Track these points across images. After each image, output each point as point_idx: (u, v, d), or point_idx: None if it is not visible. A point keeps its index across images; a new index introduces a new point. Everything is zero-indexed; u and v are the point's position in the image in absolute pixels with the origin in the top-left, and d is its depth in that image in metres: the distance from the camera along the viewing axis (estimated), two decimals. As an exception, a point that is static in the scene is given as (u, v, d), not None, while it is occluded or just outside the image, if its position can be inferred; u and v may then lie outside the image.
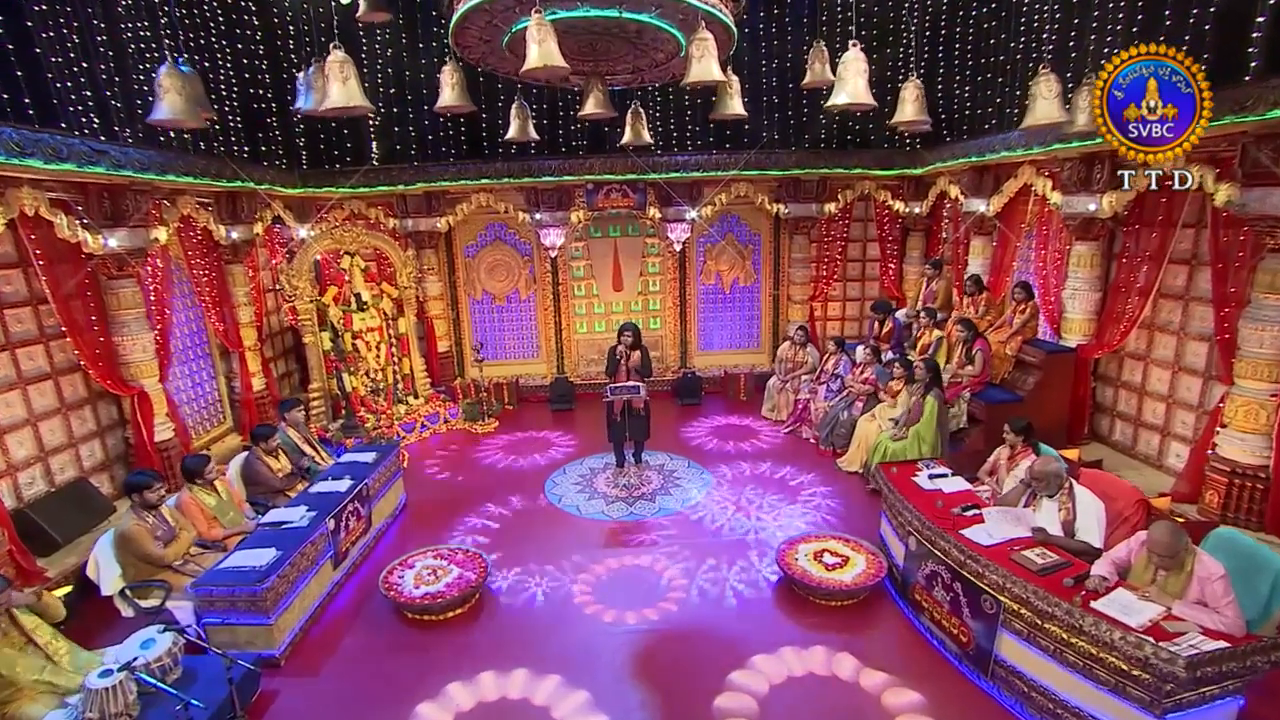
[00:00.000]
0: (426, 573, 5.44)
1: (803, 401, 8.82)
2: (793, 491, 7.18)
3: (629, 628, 5.03)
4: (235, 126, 8.95)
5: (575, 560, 5.97)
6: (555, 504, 7.09)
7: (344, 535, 5.68)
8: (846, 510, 6.76)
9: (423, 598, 5.14)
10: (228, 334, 8.18)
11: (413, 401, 9.56)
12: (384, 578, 5.40)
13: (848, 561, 5.41)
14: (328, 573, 5.43)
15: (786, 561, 5.43)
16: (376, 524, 6.44)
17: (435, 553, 5.75)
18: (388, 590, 5.24)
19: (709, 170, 9.79)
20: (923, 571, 4.79)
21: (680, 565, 5.83)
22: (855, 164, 9.97)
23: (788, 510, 6.79)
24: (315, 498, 5.79)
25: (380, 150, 10.09)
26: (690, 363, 10.90)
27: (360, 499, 6.03)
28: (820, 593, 5.16)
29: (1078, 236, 6.99)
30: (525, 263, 10.61)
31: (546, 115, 10.11)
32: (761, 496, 7.10)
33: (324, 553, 5.36)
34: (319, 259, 8.93)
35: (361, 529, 6.05)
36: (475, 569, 5.47)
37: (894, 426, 7.12)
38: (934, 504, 4.96)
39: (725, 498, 7.09)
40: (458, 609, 5.22)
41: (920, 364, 6.83)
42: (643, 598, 5.39)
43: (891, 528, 5.44)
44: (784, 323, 10.81)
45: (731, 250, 10.69)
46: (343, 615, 5.32)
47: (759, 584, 5.54)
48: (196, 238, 7.74)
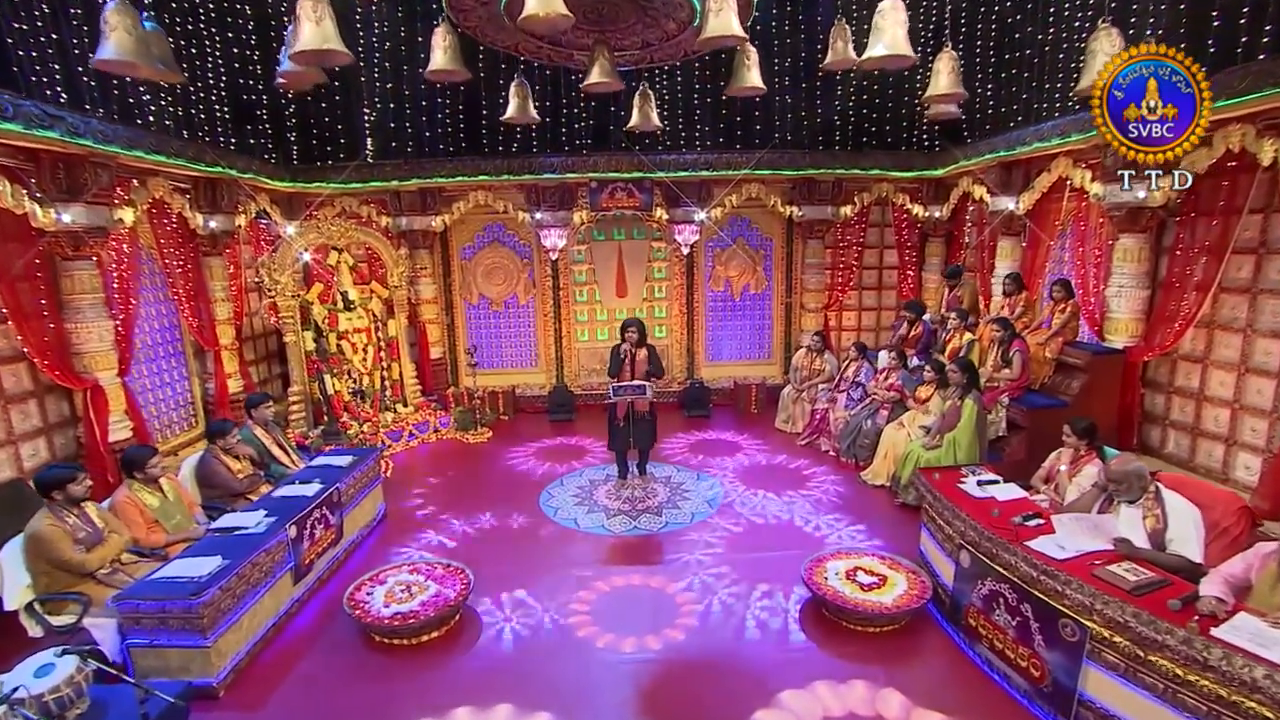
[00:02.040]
0: (400, 589, 4.68)
1: (820, 411, 8.09)
2: (813, 506, 6.42)
3: (632, 656, 4.25)
4: (222, 116, 8.39)
5: (571, 578, 5.20)
6: (550, 517, 6.33)
7: (308, 545, 4.93)
8: (874, 526, 5.99)
9: (393, 618, 4.37)
10: (202, 331, 7.49)
11: (401, 409, 8.83)
12: (350, 594, 4.63)
13: (886, 581, 4.64)
14: (286, 587, 4.66)
15: (815, 581, 4.66)
16: (350, 534, 5.68)
17: (412, 567, 4.98)
18: (353, 609, 4.47)
19: (719, 169, 9.18)
20: (979, 592, 4.02)
21: (691, 585, 5.06)
22: (872, 165, 9.36)
23: (810, 525, 6.03)
24: (277, 502, 5.04)
25: (375, 146, 9.52)
26: (698, 374, 10.19)
27: (330, 505, 5.29)
28: (856, 617, 4.39)
29: (1122, 229, 6.33)
30: (524, 266, 9.95)
31: (549, 112, 9.54)
32: (780, 511, 6.33)
33: (282, 564, 4.60)
34: (310, 261, 8.28)
35: (331, 539, 5.30)
36: (456, 586, 4.70)
37: (925, 435, 6.40)
38: (989, 513, 4.21)
39: (739, 512, 6.32)
40: (433, 632, 4.45)
41: (955, 365, 6.11)
42: (649, 621, 4.61)
43: (935, 542, 4.68)
44: (797, 332, 10.12)
45: (742, 255, 10.04)
46: (302, 637, 4.54)
47: (783, 606, 4.76)
48: (171, 225, 7.09)
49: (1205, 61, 5.70)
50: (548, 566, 5.39)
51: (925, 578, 4.65)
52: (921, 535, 5.02)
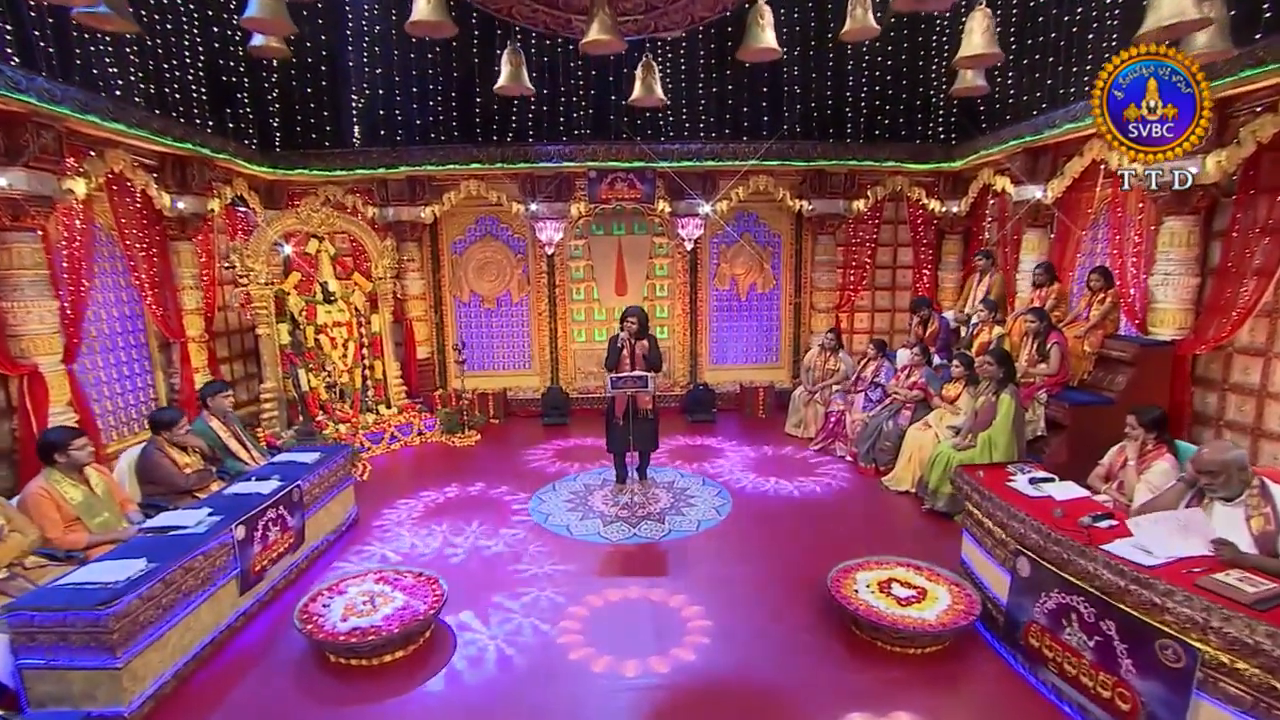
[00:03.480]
0: (362, 601, 4.00)
1: (835, 414, 7.44)
2: (832, 513, 5.77)
3: (632, 681, 3.59)
4: (198, 96, 7.84)
5: (561, 591, 4.53)
6: (540, 524, 5.67)
7: (260, 549, 4.26)
8: (901, 535, 5.34)
9: (350, 634, 3.69)
10: (167, 320, 6.86)
11: (384, 411, 8.18)
12: (303, 606, 3.96)
13: (925, 595, 3.98)
14: (230, 597, 3.99)
15: (843, 594, 4.00)
16: (313, 540, 5.02)
17: (378, 575, 4.31)
18: (304, 623, 3.80)
19: (725, 159, 8.62)
20: (1043, 606, 3.37)
21: (699, 598, 4.39)
22: (886, 156, 8.81)
23: (830, 533, 5.37)
24: (226, 500, 4.39)
25: (362, 133, 8.99)
26: (701, 377, 9.54)
27: (289, 505, 4.63)
28: (893, 635, 3.72)
29: (1168, 211, 5.75)
30: (519, 261, 9.36)
31: (547, 99, 9.02)
32: (795, 519, 5.67)
33: (225, 570, 3.94)
34: (291, 254, 7.68)
35: (289, 544, 4.63)
36: (428, 598, 4.04)
37: (955, 435, 5.77)
38: (1051, 513, 3.57)
39: (750, 519, 5.67)
40: (398, 651, 3.77)
41: (989, 356, 5.49)
42: (651, 641, 3.94)
43: (983, 550, 4.03)
44: (806, 334, 9.51)
45: (749, 252, 9.45)
46: (246, 657, 3.87)
47: (807, 624, 4.09)
48: (134, 204, 6.49)
49: (1259, 23, 5.23)
50: (535, 578, 4.72)
51: (971, 591, 3.99)
52: (963, 543, 4.37)
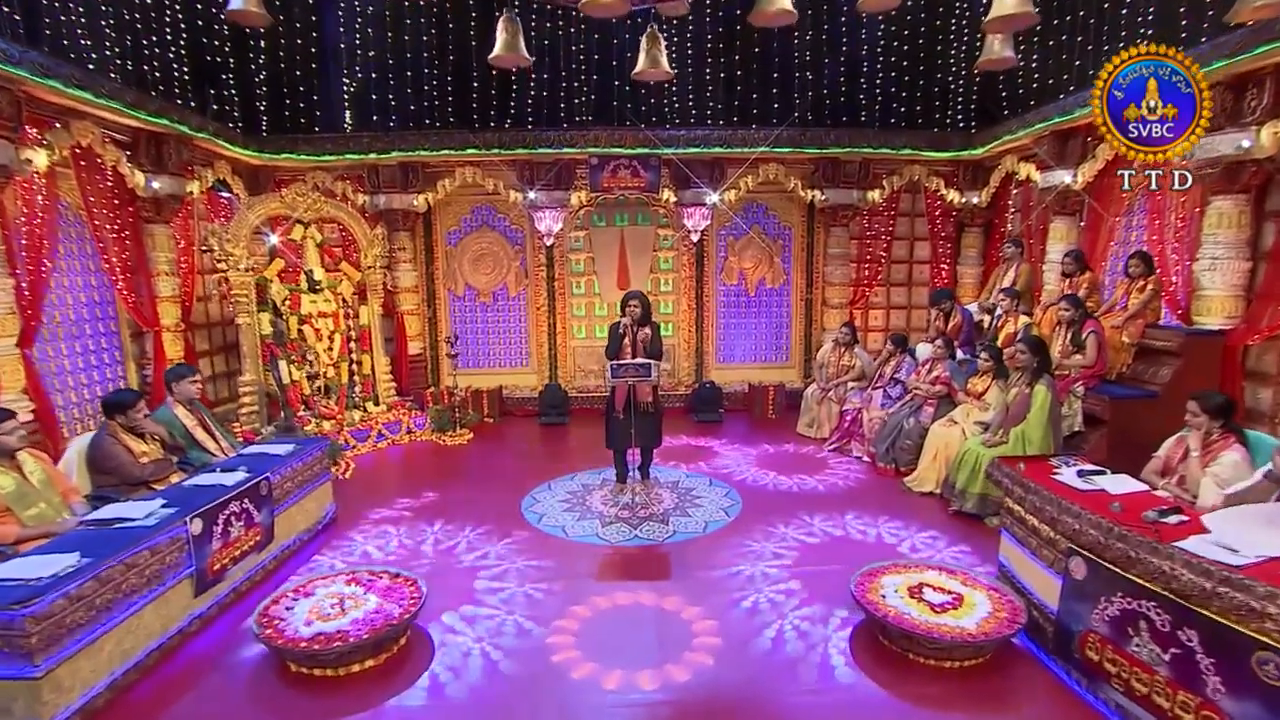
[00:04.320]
0: (330, 603, 3.61)
1: (851, 413, 7.04)
2: (850, 513, 5.36)
3: (630, 696, 3.18)
4: (180, 75, 7.55)
5: (554, 595, 4.14)
6: (533, 524, 5.27)
7: (220, 546, 3.88)
8: (927, 538, 4.93)
9: (314, 640, 3.30)
10: (140, 308, 6.51)
11: (372, 408, 7.81)
12: (264, 609, 3.57)
13: (962, 601, 3.57)
14: (182, 599, 3.61)
15: (869, 600, 3.60)
16: (284, 538, 4.63)
17: (350, 576, 3.92)
18: (264, 627, 3.41)
19: (733, 146, 8.28)
20: (1103, 613, 2.96)
21: (707, 605, 3.99)
22: (903, 144, 8.46)
23: (849, 536, 4.97)
24: (185, 492, 4.01)
25: (354, 117, 8.69)
26: (707, 377, 9.16)
27: (256, 500, 4.25)
28: (929, 646, 3.31)
29: (1216, 190, 5.37)
30: (516, 253, 9.00)
31: (547, 84, 8.72)
32: (810, 520, 5.27)
33: (178, 569, 3.55)
34: (278, 244, 7.34)
35: (254, 542, 4.24)
36: (403, 601, 3.64)
37: (984, 431, 5.38)
38: (1108, 508, 3.17)
39: (763, 520, 5.26)
40: (368, 659, 3.38)
41: (1023, 344, 5.09)
42: (653, 651, 3.54)
43: (1027, 550, 3.62)
44: (818, 332, 9.12)
45: (758, 244, 9.09)
46: (198, 665, 3.47)
47: (829, 633, 3.68)
48: (105, 182, 6.16)
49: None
50: (525, 581, 4.32)
51: (1014, 597, 3.59)
52: (1002, 543, 3.96)
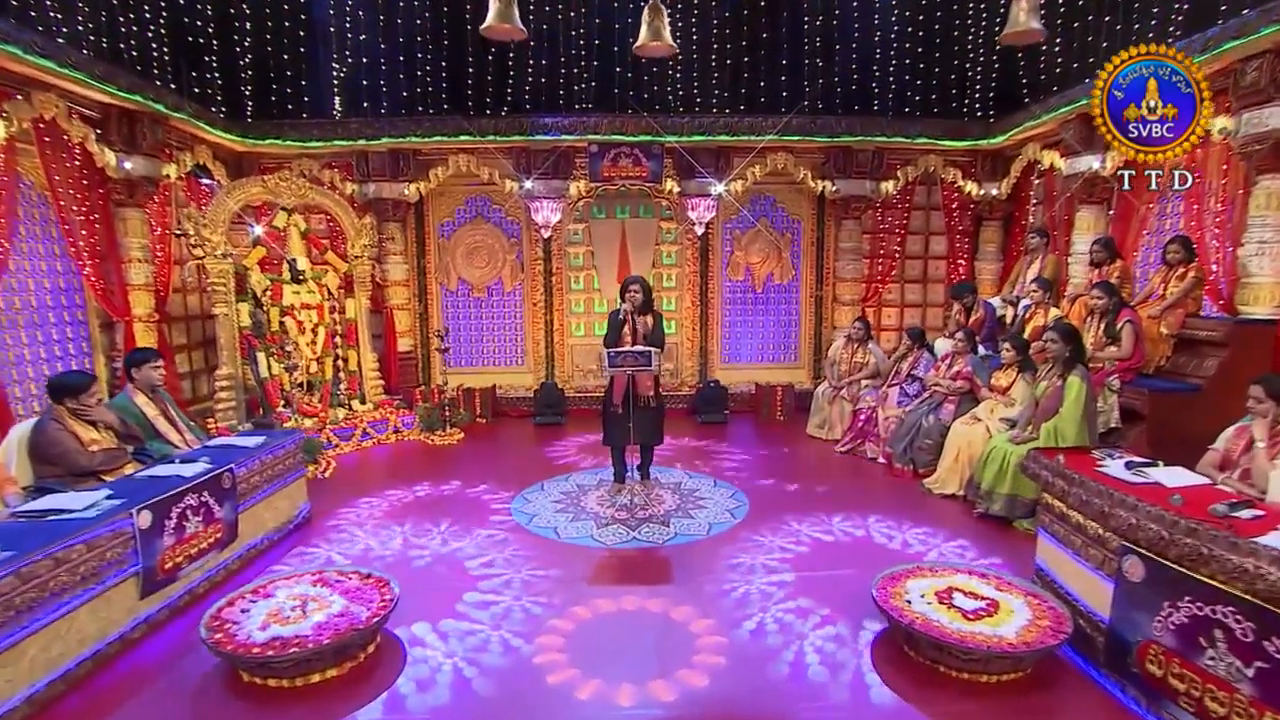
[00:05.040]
0: (291, 605, 3.29)
1: (865, 412, 6.71)
2: (870, 516, 5.02)
3: (627, 712, 2.85)
4: (159, 56, 7.32)
5: (541, 600, 3.81)
6: (523, 525, 4.95)
7: (173, 543, 3.57)
8: (951, 542, 4.59)
9: (268, 645, 2.98)
10: (109, 296, 6.24)
11: (358, 406, 7.50)
12: (216, 611, 3.25)
13: (997, 607, 3.24)
14: (126, 600, 3.29)
15: (893, 605, 3.27)
16: (251, 537, 4.32)
17: (317, 576, 3.60)
18: (213, 631, 3.09)
19: (740, 134, 8.01)
20: (1167, 620, 2.63)
21: (712, 612, 3.66)
22: (919, 133, 8.18)
23: (869, 539, 4.64)
24: (137, 484, 3.70)
25: (344, 103, 8.45)
26: (711, 376, 8.84)
27: (217, 494, 3.94)
28: (961, 657, 2.98)
29: (1263, 168, 5.06)
30: (512, 246, 8.73)
31: (545, 70, 8.50)
32: (824, 522, 4.94)
33: (121, 566, 3.24)
34: (262, 235, 7.08)
35: (214, 539, 3.93)
36: (372, 603, 3.32)
37: (1010, 428, 5.06)
38: (1167, 501, 2.84)
39: (771, 523, 4.93)
40: (329, 669, 3.05)
41: (1054, 332, 4.77)
42: (653, 661, 3.21)
43: (1069, 551, 3.29)
44: (828, 330, 8.81)
45: (766, 238, 8.80)
46: (140, 674, 3.15)
47: (847, 643, 3.35)
48: (71, 161, 5.90)
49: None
50: (510, 584, 4.00)
51: (1056, 603, 3.25)
52: (1039, 544, 3.63)
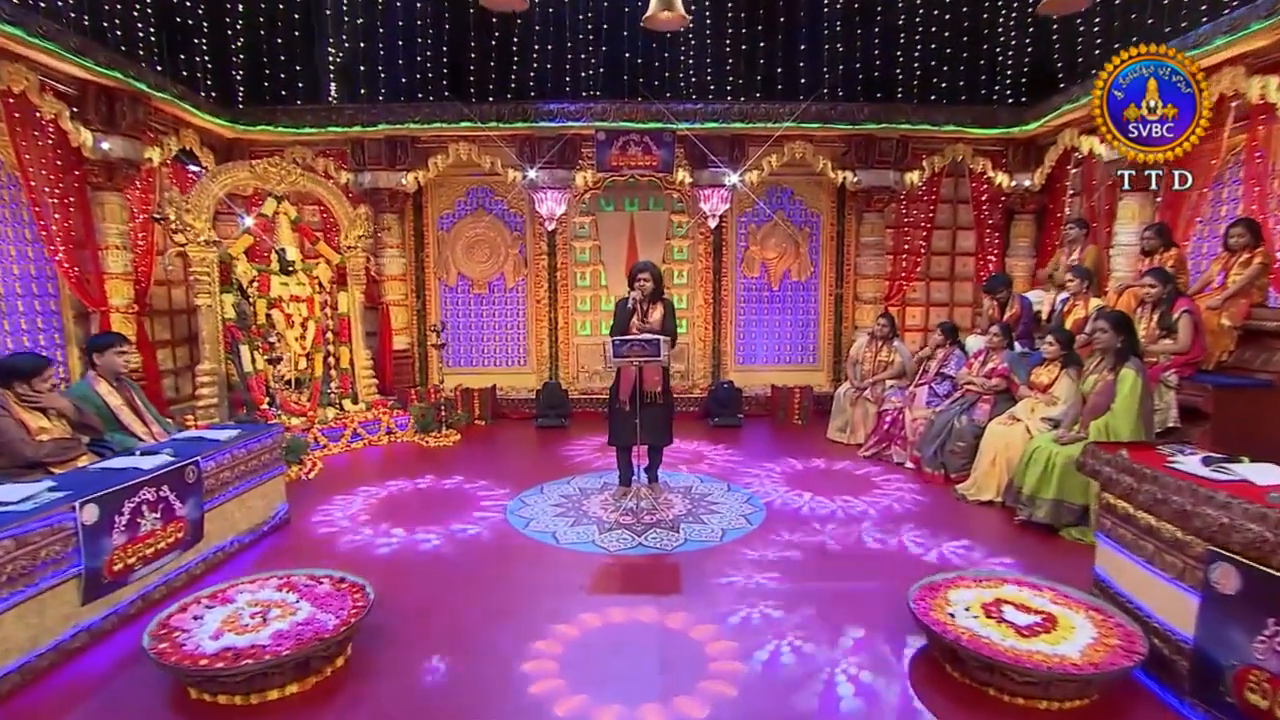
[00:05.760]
0: (251, 612, 2.97)
1: (891, 413, 6.35)
2: (897, 524, 4.66)
3: (626, 738, 2.51)
4: (148, 36, 7.12)
5: (535, 610, 3.47)
6: (519, 529, 4.61)
7: (123, 542, 3.26)
8: (991, 554, 4.22)
9: (218, 657, 2.66)
10: (84, 285, 5.99)
11: (349, 406, 7.21)
12: (165, 618, 2.93)
13: (1055, 623, 2.87)
14: (63, 606, 2.98)
15: (934, 619, 2.91)
16: (219, 539, 4.01)
17: (284, 580, 3.28)
18: (159, 640, 2.77)
19: (756, 121, 7.71)
20: (1275, 641, 2.26)
21: (726, 625, 3.31)
22: (946, 120, 7.85)
23: (904, 550, 4.28)
24: (88, 476, 3.41)
25: (340, 89, 8.24)
26: (725, 376, 8.50)
27: (178, 489, 3.63)
28: (1017, 679, 2.61)
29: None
30: (515, 240, 8.45)
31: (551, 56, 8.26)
32: (849, 531, 4.58)
33: (59, 567, 2.93)
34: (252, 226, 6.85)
35: (174, 539, 3.62)
36: (343, 610, 3.00)
37: (1053, 428, 4.70)
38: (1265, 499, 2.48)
39: (792, 530, 4.58)
40: (290, 684, 2.72)
41: (1103, 321, 4.40)
42: (656, 680, 2.87)
43: (1139, 560, 2.92)
44: (849, 330, 8.47)
45: (783, 232, 8.48)
46: (71, 692, 2.83)
47: (880, 661, 2.99)
48: (44, 139, 5.68)
49: None
50: (501, 592, 3.67)
51: (1124, 619, 2.88)
52: (1099, 550, 3.26)
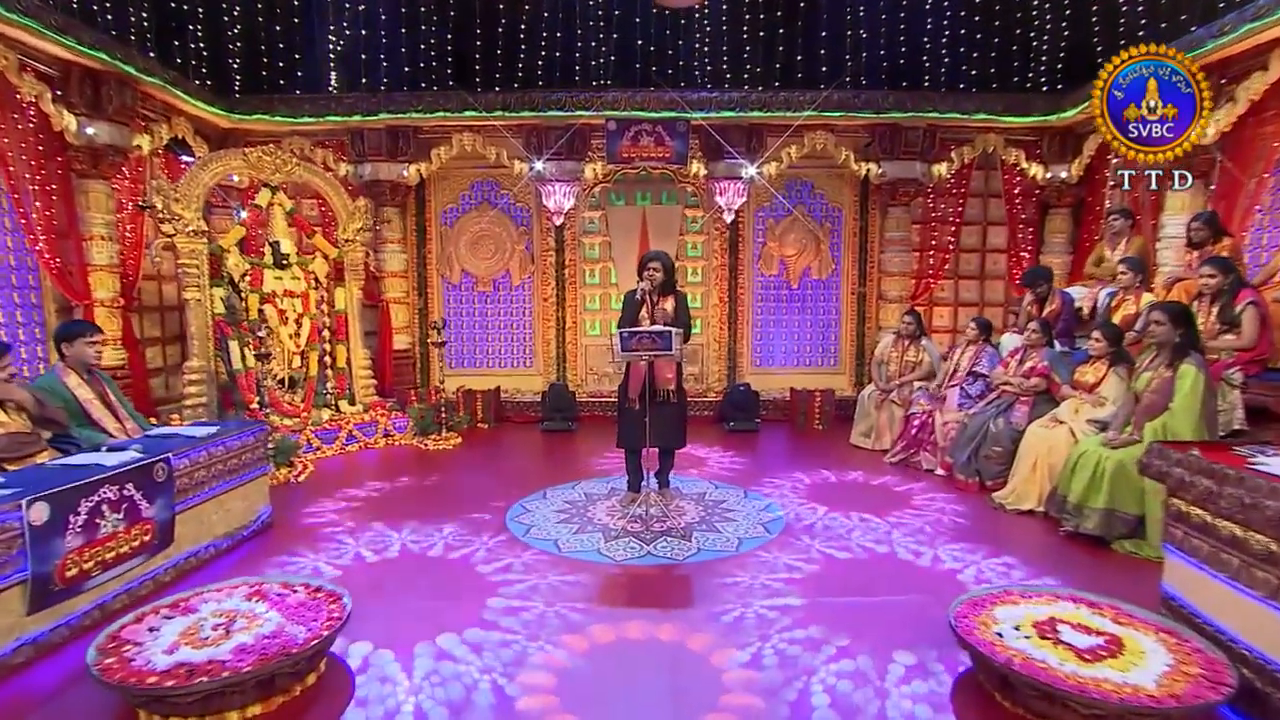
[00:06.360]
0: (214, 623, 2.72)
1: (919, 417, 6.04)
2: (926, 535, 4.35)
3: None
4: (138, 21, 6.98)
5: (531, 625, 3.20)
6: (518, 536, 4.35)
7: (79, 544, 3.02)
8: (1034, 566, 3.91)
9: (170, 674, 2.40)
10: (67, 277, 5.82)
11: (345, 408, 6.99)
12: (117, 630, 2.69)
13: (1121, 646, 2.56)
14: (5, 615, 2.74)
15: (980, 639, 2.61)
16: (192, 544, 3.78)
17: (254, 588, 3.03)
18: (105, 655, 2.52)
19: (775, 110, 7.45)
20: (1388, 664, 1.95)
21: (742, 645, 3.02)
22: (976, 108, 7.55)
23: (925, 559, 3.97)
24: (45, 474, 3.19)
25: (340, 79, 8.07)
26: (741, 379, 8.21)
27: (145, 487, 3.40)
28: (1081, 710, 2.30)
29: None
30: (521, 235, 8.23)
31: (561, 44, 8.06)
32: (876, 541, 4.27)
33: (1, 572, 2.70)
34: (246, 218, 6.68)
35: (140, 542, 3.38)
36: (315, 622, 2.74)
37: (1101, 430, 4.39)
38: (1371, 501, 2.18)
39: (813, 539, 4.28)
40: (251, 705, 2.46)
41: (1161, 312, 4.09)
42: (667, 704, 2.58)
43: (1221, 576, 2.60)
44: (872, 331, 8.17)
45: (803, 227, 8.21)
46: (15, 709, 2.59)
47: (913, 684, 2.69)
48: (26, 122, 5.52)
49: None
50: (495, 605, 3.39)
51: (1202, 643, 2.57)
52: (1168, 565, 2.94)
